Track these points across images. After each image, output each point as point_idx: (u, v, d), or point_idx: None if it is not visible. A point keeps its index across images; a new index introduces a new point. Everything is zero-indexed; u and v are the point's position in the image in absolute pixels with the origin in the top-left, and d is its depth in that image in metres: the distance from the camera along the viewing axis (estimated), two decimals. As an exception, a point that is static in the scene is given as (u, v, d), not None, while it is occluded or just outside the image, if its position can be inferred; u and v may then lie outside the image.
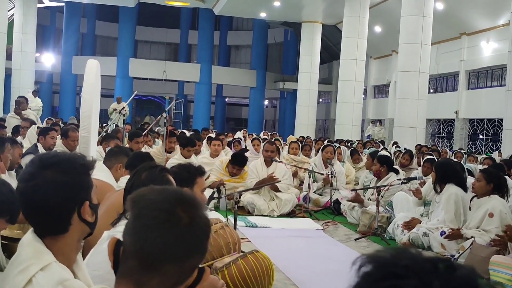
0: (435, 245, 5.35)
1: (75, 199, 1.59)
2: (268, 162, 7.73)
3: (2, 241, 2.90)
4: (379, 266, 0.83)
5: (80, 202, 1.60)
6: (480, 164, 9.87)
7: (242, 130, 17.02)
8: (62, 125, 11.12)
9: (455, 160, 8.52)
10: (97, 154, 6.23)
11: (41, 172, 1.58)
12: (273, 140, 11.88)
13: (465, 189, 5.66)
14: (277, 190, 7.51)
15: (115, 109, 17.25)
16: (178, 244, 1.18)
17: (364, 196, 7.36)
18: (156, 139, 10.85)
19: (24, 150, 6.09)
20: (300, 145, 10.18)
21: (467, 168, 7.54)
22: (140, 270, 1.19)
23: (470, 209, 5.41)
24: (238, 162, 7.81)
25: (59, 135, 7.07)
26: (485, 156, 12.10)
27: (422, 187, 6.59)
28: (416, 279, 0.80)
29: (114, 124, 12.94)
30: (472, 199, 5.39)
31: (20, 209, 2.48)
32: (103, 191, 3.41)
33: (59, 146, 6.93)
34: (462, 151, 12.12)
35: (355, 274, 0.85)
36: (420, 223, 5.80)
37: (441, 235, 5.33)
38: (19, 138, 7.84)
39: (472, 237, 5.03)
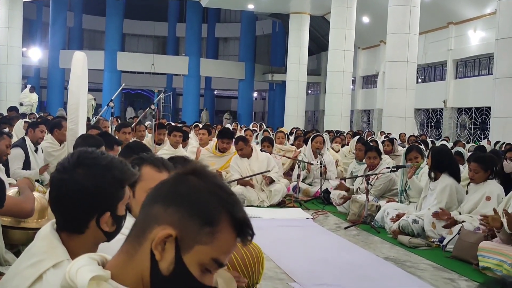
0: (426, 222, 5.37)
1: (95, 206, 1.54)
2: (248, 154, 7.55)
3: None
4: None
5: (101, 210, 1.54)
6: (469, 152, 9.97)
7: (233, 123, 17.00)
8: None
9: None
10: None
11: (73, 169, 1.55)
12: (262, 130, 11.97)
13: (458, 178, 5.69)
14: (272, 181, 7.48)
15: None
16: None
17: (353, 185, 7.39)
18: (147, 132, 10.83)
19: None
20: (287, 135, 10.24)
21: (458, 151, 7.68)
22: None
23: (467, 192, 5.46)
24: (227, 135, 8.12)
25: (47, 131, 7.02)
26: (473, 144, 12.16)
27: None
28: None
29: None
30: (468, 184, 5.44)
31: (5, 194, 2.51)
32: None
33: (49, 139, 6.89)
34: (447, 141, 12.16)
35: None
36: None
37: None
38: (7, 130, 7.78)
39: (462, 221, 5.07)
